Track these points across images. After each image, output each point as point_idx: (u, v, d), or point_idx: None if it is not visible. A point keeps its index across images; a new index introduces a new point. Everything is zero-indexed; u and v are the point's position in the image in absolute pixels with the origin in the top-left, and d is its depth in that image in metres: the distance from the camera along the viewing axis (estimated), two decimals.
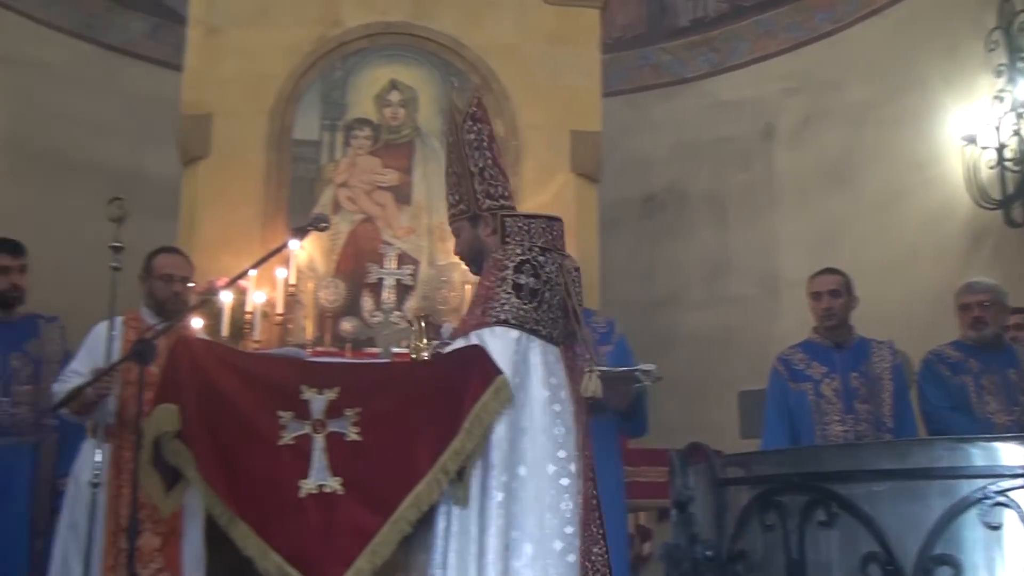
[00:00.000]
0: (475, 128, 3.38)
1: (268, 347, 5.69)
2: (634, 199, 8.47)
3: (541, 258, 3.21)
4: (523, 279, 3.14)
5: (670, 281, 8.30)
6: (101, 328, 4.09)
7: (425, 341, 3.74)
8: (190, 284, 4.42)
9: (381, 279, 6.30)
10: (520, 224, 3.30)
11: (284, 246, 4.37)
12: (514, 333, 3.09)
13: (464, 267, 3.57)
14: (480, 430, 2.96)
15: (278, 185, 6.47)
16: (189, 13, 6.62)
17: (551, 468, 3.01)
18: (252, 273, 5.26)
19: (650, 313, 7.84)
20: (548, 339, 3.18)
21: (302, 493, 2.88)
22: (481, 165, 3.36)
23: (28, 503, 4.34)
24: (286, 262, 6.00)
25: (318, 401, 2.97)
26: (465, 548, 2.91)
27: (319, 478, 2.90)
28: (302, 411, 2.95)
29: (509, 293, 3.13)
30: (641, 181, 8.46)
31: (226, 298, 5.76)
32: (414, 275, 6.39)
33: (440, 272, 6.40)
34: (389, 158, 6.63)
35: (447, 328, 4.10)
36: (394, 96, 6.72)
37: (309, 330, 6.25)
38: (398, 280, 6.35)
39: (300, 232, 3.44)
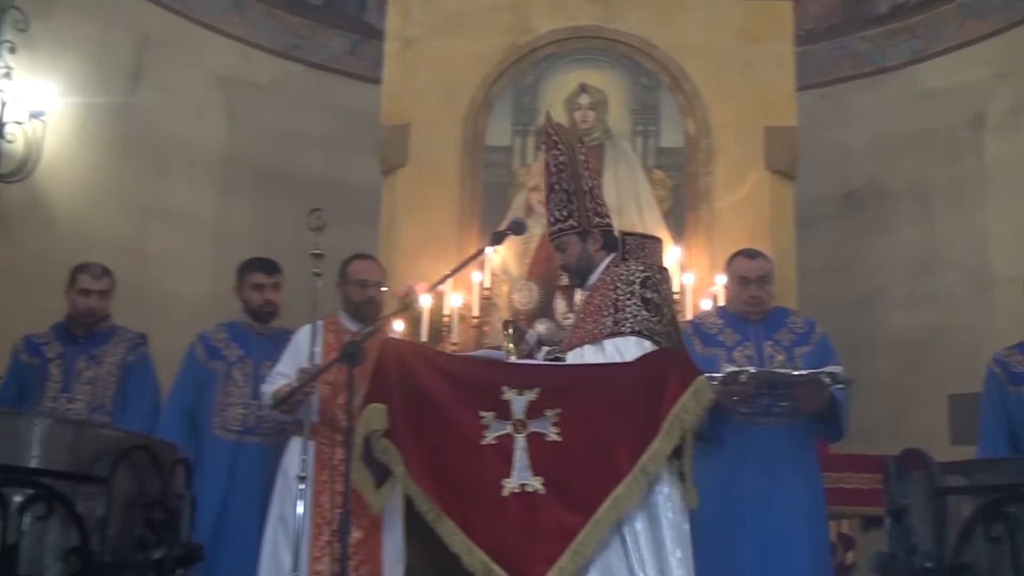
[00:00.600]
0: (583, 151, 3.64)
1: (465, 349, 5.83)
2: (832, 195, 8.18)
3: (659, 276, 3.44)
4: (648, 294, 3.35)
5: (872, 279, 7.97)
6: (305, 332, 4.29)
7: (512, 346, 3.81)
8: (383, 288, 4.57)
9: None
10: (637, 243, 3.55)
11: (482, 251, 4.47)
12: (647, 343, 3.27)
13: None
14: (679, 431, 2.96)
15: (472, 191, 6.61)
16: (387, 28, 6.87)
17: None
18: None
19: (851, 313, 7.55)
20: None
21: (505, 492, 2.94)
22: (591, 184, 3.62)
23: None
24: (481, 266, 6.13)
25: (519, 401, 3.03)
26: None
27: (521, 477, 2.96)
28: (503, 411, 3.02)
29: (639, 306, 3.32)
30: (839, 176, 8.16)
31: (425, 302, 5.94)
32: None
33: None
34: None
35: (532, 335, 4.13)
36: (584, 99, 6.74)
37: None
38: None
39: (498, 237, 3.54)
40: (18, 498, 1.66)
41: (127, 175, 7.29)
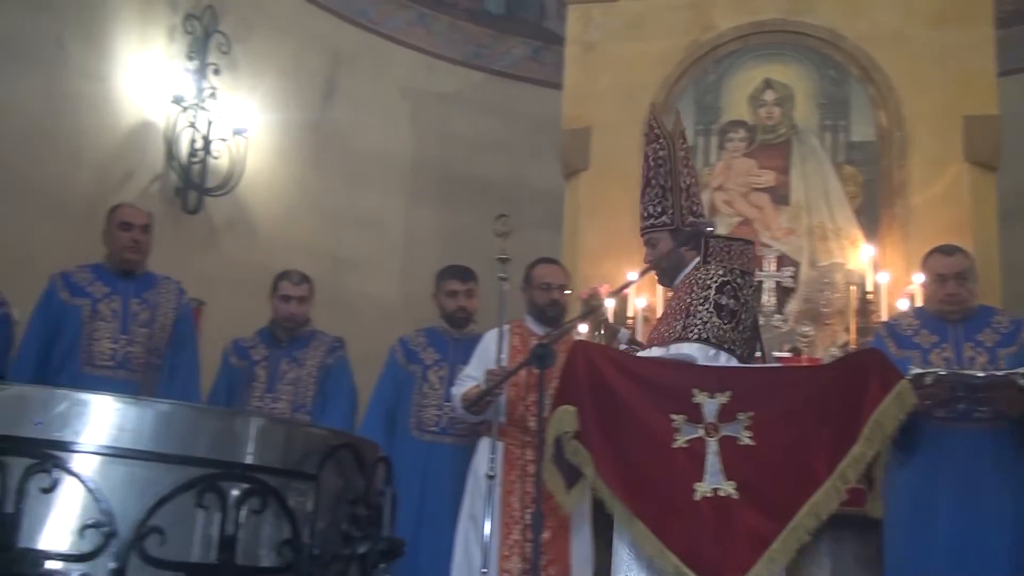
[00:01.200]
0: (684, 146, 3.58)
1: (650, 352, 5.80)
2: None
3: (740, 280, 3.33)
4: (724, 300, 3.25)
5: None
6: (491, 335, 4.40)
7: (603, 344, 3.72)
8: (567, 291, 4.59)
9: (760, 282, 6.18)
10: (721, 245, 3.41)
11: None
12: (712, 351, 3.19)
13: (845, 269, 3.45)
14: (881, 436, 2.85)
15: None
16: (567, 33, 6.91)
17: None
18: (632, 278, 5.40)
19: None
20: (740, 359, 3.27)
21: (697, 496, 2.91)
22: (688, 182, 3.55)
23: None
24: None
25: (710, 405, 2.98)
26: None
27: (713, 481, 2.92)
28: (694, 414, 2.98)
29: (711, 312, 3.23)
30: None
31: (609, 304, 5.94)
32: (795, 277, 6.20)
33: (822, 274, 6.18)
34: (765, 159, 6.51)
35: (624, 334, 3.99)
36: (768, 95, 6.58)
37: None
38: (778, 283, 6.20)
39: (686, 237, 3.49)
40: (235, 492, 1.75)
41: (321, 185, 7.62)
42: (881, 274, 5.79)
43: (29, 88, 5.84)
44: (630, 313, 6.03)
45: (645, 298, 6.08)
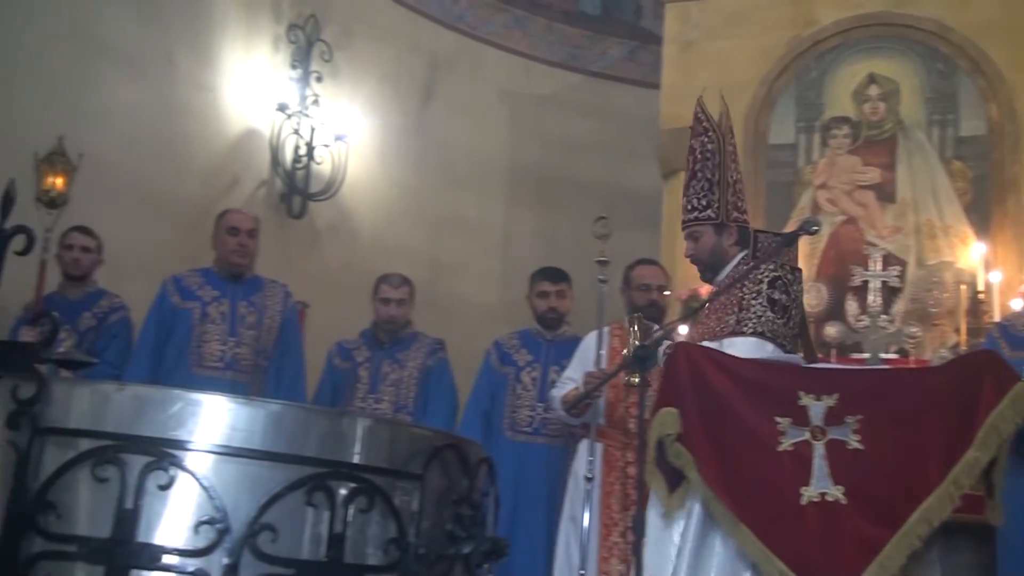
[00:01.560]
0: (732, 141, 3.53)
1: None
2: None
3: (790, 276, 3.31)
4: (776, 295, 3.24)
5: None
6: (591, 337, 4.37)
7: (637, 343, 3.60)
8: (667, 292, 4.55)
9: (866, 282, 6.01)
10: (770, 241, 3.40)
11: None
12: (768, 346, 3.17)
13: (955, 267, 3.33)
14: (997, 440, 2.74)
15: (755, 192, 6.45)
16: (664, 32, 6.87)
17: None
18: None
19: None
20: (787, 354, 3.25)
21: (803, 500, 2.84)
22: (735, 178, 3.50)
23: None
24: None
25: (816, 407, 2.92)
26: None
27: (821, 486, 2.85)
28: (800, 417, 2.92)
29: (764, 307, 3.21)
30: None
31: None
32: (901, 276, 6.03)
33: (930, 272, 6.01)
34: (870, 155, 6.35)
35: (657, 330, 3.86)
36: (872, 90, 6.42)
37: None
38: (884, 282, 6.02)
39: (791, 237, 3.40)
40: (343, 491, 1.78)
41: (421, 189, 7.72)
42: (993, 273, 5.60)
43: (140, 98, 6.06)
44: None
45: None
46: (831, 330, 5.99)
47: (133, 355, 4.56)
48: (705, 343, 3.27)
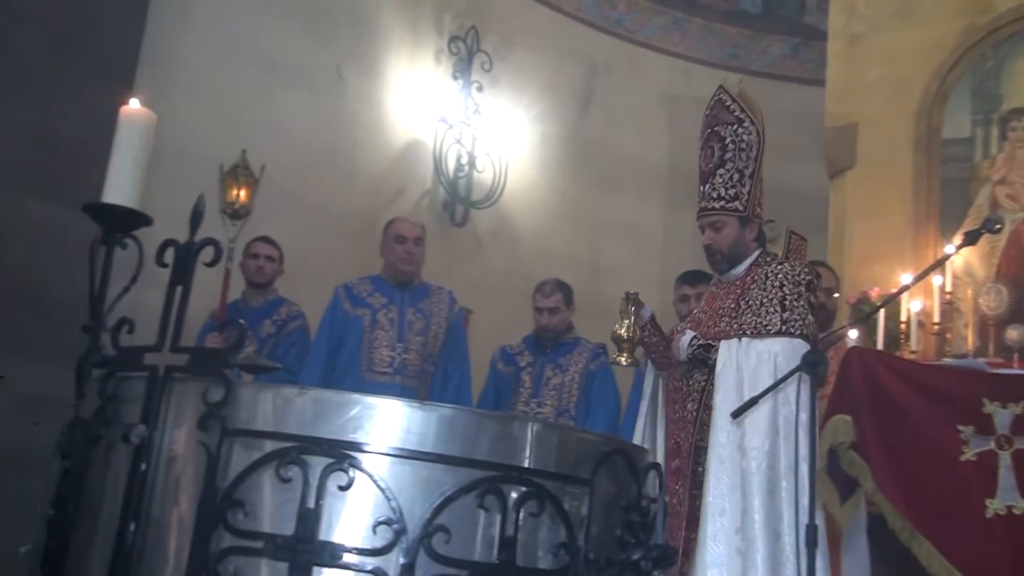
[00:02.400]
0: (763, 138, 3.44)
1: (926, 358, 5.47)
2: None
3: (817, 280, 3.34)
4: (812, 298, 3.26)
5: None
6: None
7: (628, 322, 3.48)
8: (835, 295, 4.43)
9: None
10: (798, 242, 3.45)
11: (947, 258, 4.16)
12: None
13: None
14: None
15: (928, 189, 6.19)
16: (829, 27, 6.67)
17: None
18: (906, 281, 5.11)
19: None
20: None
21: (989, 513, 2.72)
22: (761, 175, 3.45)
23: None
24: (941, 269, 5.71)
25: (1002, 415, 2.78)
26: None
27: (1007, 498, 2.72)
28: (984, 426, 2.79)
29: (806, 309, 3.20)
30: None
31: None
32: None
33: None
34: None
35: (647, 311, 3.59)
36: None
37: (970, 340, 5.87)
38: None
39: (973, 236, 3.19)
40: (514, 495, 1.80)
41: (580, 194, 7.74)
42: None
43: (310, 112, 6.31)
44: (903, 317, 5.70)
45: (920, 301, 5.73)
46: (1013, 333, 5.67)
47: (308, 360, 4.74)
48: (746, 340, 3.20)
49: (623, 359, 3.47)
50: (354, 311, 4.72)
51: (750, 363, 3.16)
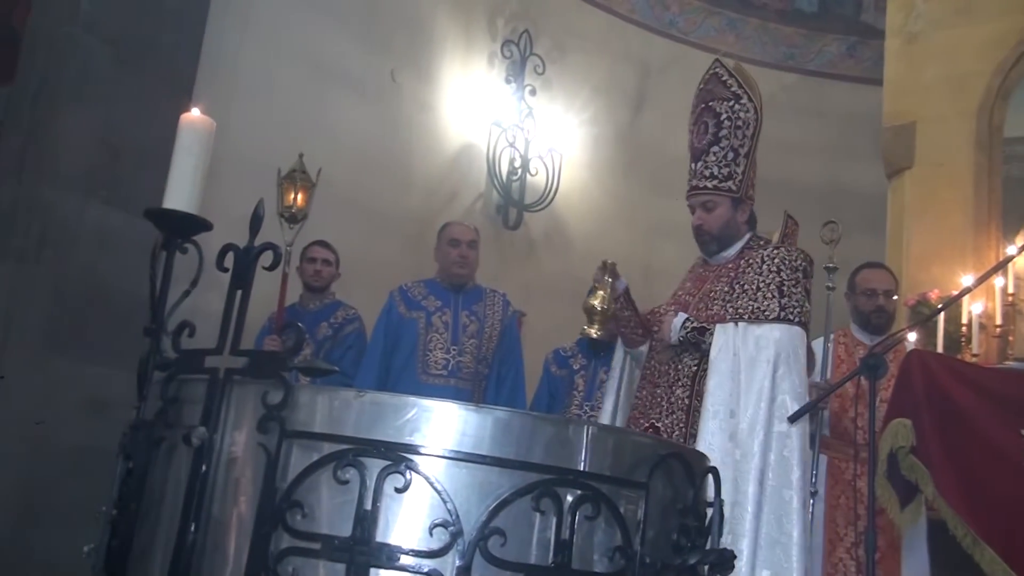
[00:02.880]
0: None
1: (988, 361, 5.36)
2: None
3: (811, 266, 3.25)
4: (809, 285, 3.18)
5: None
6: (816, 345, 4.20)
7: (606, 292, 3.37)
8: (894, 297, 4.37)
9: None
10: (792, 227, 3.35)
11: (1010, 259, 4.09)
12: (805, 337, 3.13)
13: None
14: None
15: (989, 188, 6.08)
16: (887, 26, 6.58)
17: None
18: (967, 283, 5.02)
19: None
20: None
21: None
22: (755, 155, 3.32)
23: None
24: (1003, 270, 5.60)
25: None
26: None
27: None
28: None
29: (803, 296, 3.13)
30: None
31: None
32: None
33: None
34: None
35: (622, 283, 3.46)
36: None
37: None
38: None
39: None
40: (570, 498, 1.80)
41: (633, 196, 7.71)
42: None
43: (365, 118, 6.37)
44: (964, 320, 5.60)
45: (981, 303, 5.62)
46: None
47: (364, 363, 4.78)
48: (743, 324, 3.12)
49: (594, 331, 3.38)
50: (409, 314, 4.75)
51: (748, 349, 3.08)
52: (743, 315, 3.17)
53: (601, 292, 3.44)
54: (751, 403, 2.99)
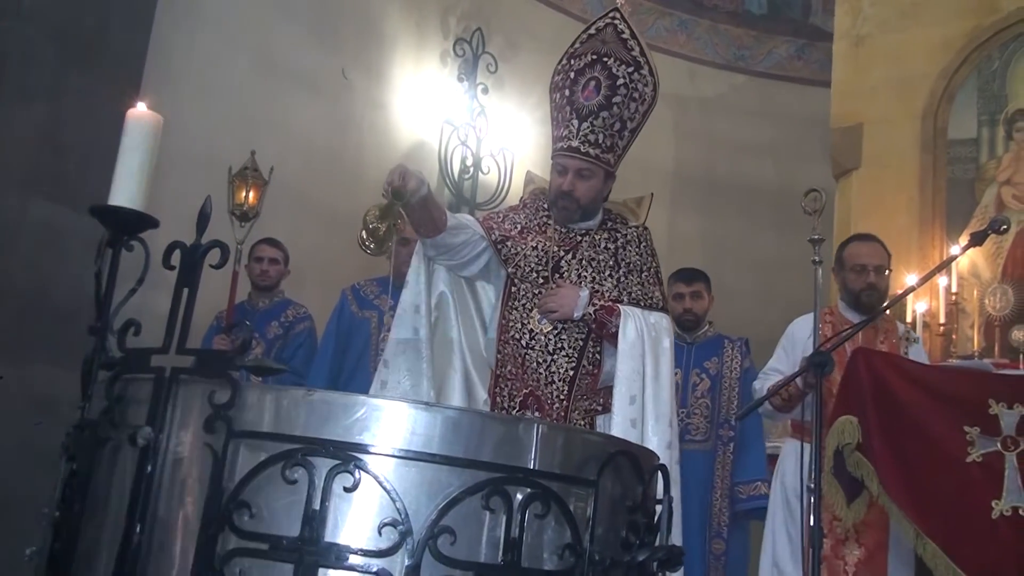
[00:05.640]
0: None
1: (931, 359, 5.46)
2: None
3: None
4: None
5: None
6: (799, 324, 4.05)
7: (388, 225, 3.19)
8: (887, 272, 4.04)
9: None
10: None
11: (953, 258, 4.09)
12: None
13: None
14: None
15: (934, 189, 6.20)
16: (835, 28, 6.68)
17: None
18: (911, 282, 5.10)
19: None
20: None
21: (994, 515, 2.71)
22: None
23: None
24: (947, 270, 5.71)
25: (1008, 416, 2.77)
26: None
27: (1013, 499, 2.71)
28: (990, 427, 2.78)
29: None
30: None
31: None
32: None
33: None
34: None
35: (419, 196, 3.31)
36: None
37: (976, 340, 5.86)
38: None
39: (979, 237, 3.10)
40: (519, 496, 1.80)
41: None
42: None
43: (316, 116, 6.33)
44: (908, 319, 5.70)
45: (926, 302, 5.73)
46: (1019, 334, 5.68)
47: (315, 362, 4.75)
48: (640, 311, 3.04)
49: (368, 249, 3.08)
50: (361, 313, 4.72)
51: (652, 336, 3.03)
52: (638, 300, 3.11)
53: (384, 225, 3.21)
54: (663, 390, 2.96)
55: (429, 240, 3.14)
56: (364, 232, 3.09)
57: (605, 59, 3.12)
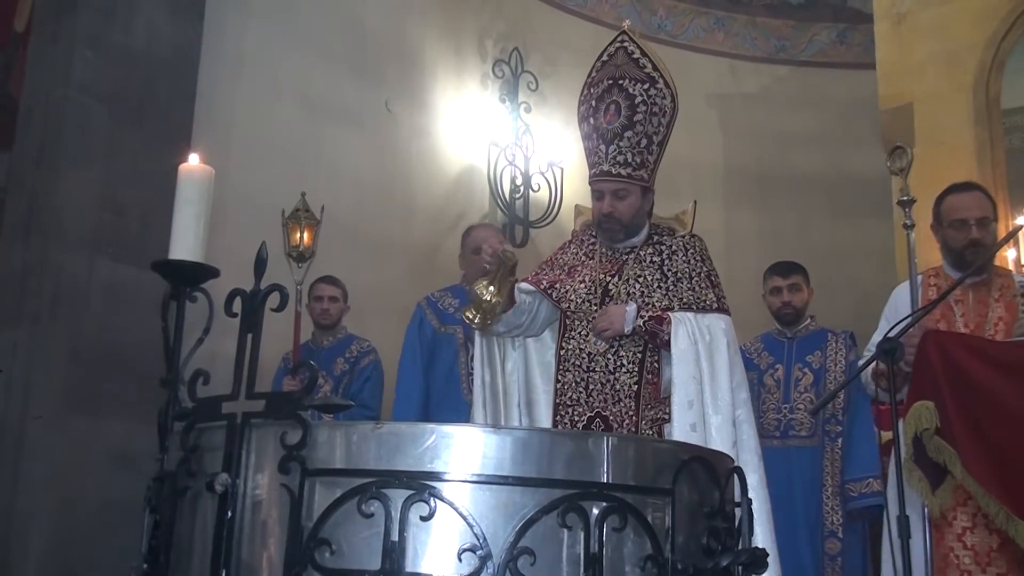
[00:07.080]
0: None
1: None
2: None
3: None
4: None
5: None
6: (901, 291, 3.73)
7: (497, 287, 3.19)
8: (992, 224, 3.59)
9: None
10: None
11: (1019, 228, 3.99)
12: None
13: None
14: None
15: (993, 162, 6.06)
16: (875, 9, 6.58)
17: None
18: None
19: None
20: None
21: None
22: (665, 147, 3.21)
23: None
24: (1014, 241, 5.58)
25: None
26: None
27: None
28: None
29: (720, 283, 3.24)
30: None
31: None
32: None
33: None
34: None
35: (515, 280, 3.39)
36: None
37: None
38: None
39: None
40: (596, 511, 1.79)
41: None
42: None
43: (363, 150, 6.40)
44: None
45: None
46: None
47: (404, 382, 4.48)
48: (690, 314, 3.09)
49: (476, 320, 3.20)
50: (444, 328, 4.54)
51: (706, 339, 3.06)
52: (690, 305, 3.15)
53: (492, 287, 3.27)
54: (720, 391, 3.00)
55: (503, 319, 3.32)
56: (470, 313, 3.15)
57: (620, 81, 3.23)
